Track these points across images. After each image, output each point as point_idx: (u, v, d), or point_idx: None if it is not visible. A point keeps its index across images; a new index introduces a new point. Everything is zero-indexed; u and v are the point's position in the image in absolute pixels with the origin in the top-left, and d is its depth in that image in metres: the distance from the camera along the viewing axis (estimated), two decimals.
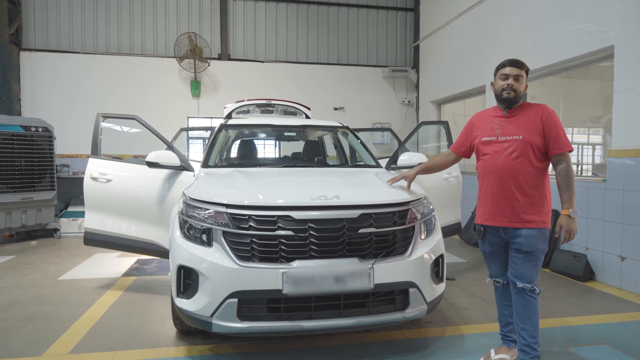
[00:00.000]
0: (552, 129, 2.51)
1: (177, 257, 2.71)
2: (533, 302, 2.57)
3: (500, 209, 2.60)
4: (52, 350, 2.98)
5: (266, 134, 5.08)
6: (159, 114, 8.50)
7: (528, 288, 2.56)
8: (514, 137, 2.57)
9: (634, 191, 4.29)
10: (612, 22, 4.59)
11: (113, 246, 4.10)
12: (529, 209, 2.54)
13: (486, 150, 2.68)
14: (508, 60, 2.65)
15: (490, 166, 2.64)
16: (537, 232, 2.53)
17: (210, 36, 9.17)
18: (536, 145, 2.52)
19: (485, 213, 2.70)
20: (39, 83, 8.37)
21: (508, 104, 2.63)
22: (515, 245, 2.58)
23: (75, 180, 7.94)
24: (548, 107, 2.60)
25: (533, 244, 2.53)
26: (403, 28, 10.18)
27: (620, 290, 4.38)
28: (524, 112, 2.62)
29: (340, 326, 2.62)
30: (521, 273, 2.57)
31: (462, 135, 2.93)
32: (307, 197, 2.69)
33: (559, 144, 2.51)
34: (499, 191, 2.60)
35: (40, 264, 5.39)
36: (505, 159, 2.57)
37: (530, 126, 2.55)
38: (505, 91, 2.59)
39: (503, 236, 2.65)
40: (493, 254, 2.78)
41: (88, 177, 3.97)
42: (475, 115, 2.89)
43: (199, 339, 3.13)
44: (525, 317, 2.58)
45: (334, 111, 9.56)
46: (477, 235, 2.78)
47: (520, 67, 2.61)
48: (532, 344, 2.57)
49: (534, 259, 2.56)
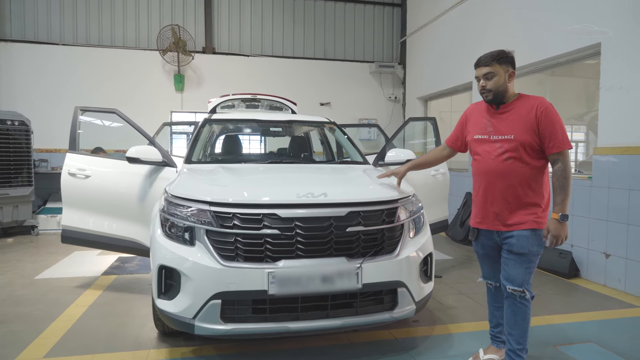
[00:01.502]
0: (547, 125, 2.32)
1: (158, 257, 2.61)
2: (522, 309, 2.45)
3: (493, 213, 2.49)
4: (26, 354, 2.84)
5: (251, 129, 4.97)
6: (141, 108, 8.30)
7: (518, 293, 2.43)
8: (505, 137, 2.40)
9: (619, 189, 4.31)
10: (600, 20, 4.59)
11: (92, 244, 3.97)
12: (522, 210, 2.41)
13: (478, 149, 2.55)
14: (478, 58, 2.47)
15: (482, 168, 2.51)
16: (530, 233, 2.39)
17: (195, 29, 8.98)
18: (529, 144, 2.35)
19: (478, 216, 2.59)
20: (15, 75, 8.09)
21: (494, 102, 2.47)
22: (506, 246, 2.46)
23: (54, 176, 7.71)
24: (545, 100, 2.39)
25: (525, 245, 2.39)
26: (390, 23, 10.13)
27: (605, 287, 4.41)
28: (518, 107, 2.42)
29: (327, 327, 2.55)
30: (512, 275, 2.44)
31: (457, 129, 2.78)
32: (293, 195, 2.61)
33: (555, 142, 2.32)
34: (490, 194, 2.48)
35: (16, 263, 5.21)
36: (496, 160, 2.43)
37: (523, 124, 2.37)
38: (483, 94, 2.47)
39: (496, 239, 2.54)
40: (486, 256, 2.68)
41: (65, 172, 3.84)
42: (470, 107, 2.72)
43: (181, 340, 3.03)
44: (514, 323, 2.47)
45: (320, 107, 9.48)
46: (471, 237, 2.68)
47: (486, 64, 2.41)
48: (517, 350, 2.47)
49: (526, 261, 2.42)
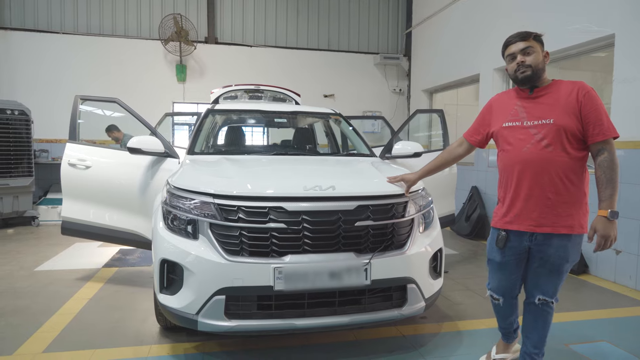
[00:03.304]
0: (591, 110, 2.05)
1: (160, 250, 2.53)
2: (544, 315, 2.28)
3: (527, 211, 2.17)
4: (25, 348, 2.77)
5: (255, 120, 4.87)
6: (142, 99, 8.17)
7: (547, 302, 2.24)
8: (543, 122, 2.11)
9: (632, 184, 4.21)
10: (613, 9, 4.46)
11: (92, 236, 3.91)
12: (563, 210, 2.12)
13: (509, 138, 2.23)
14: (510, 36, 2.23)
15: (515, 158, 2.19)
16: (571, 241, 2.15)
17: (197, 18, 8.84)
18: (571, 130, 2.07)
19: (508, 215, 2.25)
20: (15, 64, 7.98)
21: (530, 83, 2.18)
22: (542, 254, 2.19)
23: (54, 166, 7.62)
24: (586, 84, 2.11)
25: (564, 255, 2.14)
26: (395, 14, 9.96)
27: (615, 284, 4.32)
28: (554, 90, 2.15)
29: (334, 324, 2.47)
30: (544, 285, 2.23)
31: (477, 121, 2.49)
32: (300, 188, 2.52)
33: (600, 129, 2.05)
34: (526, 188, 2.16)
35: (16, 254, 5.14)
36: (533, 149, 2.12)
37: (563, 107, 2.09)
38: (518, 71, 2.17)
39: (526, 244, 2.23)
40: (504, 266, 2.33)
41: (65, 163, 3.76)
42: (495, 97, 2.45)
43: (184, 336, 2.96)
44: (533, 328, 2.31)
45: (323, 98, 9.35)
46: (498, 244, 2.29)
47: (525, 38, 2.17)
48: (533, 354, 2.31)
49: (563, 272, 2.19)
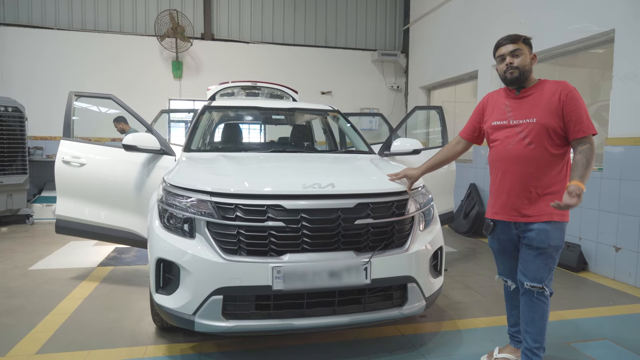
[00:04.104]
0: (572, 109, 2.20)
1: (156, 249, 2.48)
2: (541, 305, 2.34)
3: (511, 202, 2.34)
4: (18, 349, 2.72)
5: (252, 116, 4.81)
6: (138, 95, 8.11)
7: (537, 289, 2.31)
8: (527, 121, 2.28)
9: (632, 180, 4.18)
10: (613, 5, 4.43)
11: (87, 235, 3.84)
12: (543, 201, 2.26)
13: (496, 136, 2.41)
14: (501, 38, 2.39)
15: (501, 154, 2.37)
16: (551, 226, 2.26)
17: (193, 14, 8.76)
18: (553, 128, 2.23)
19: (494, 206, 2.45)
20: (8, 60, 7.87)
21: (517, 83, 2.34)
22: (526, 240, 2.33)
23: (49, 164, 7.53)
24: (569, 84, 2.27)
25: (545, 239, 2.26)
26: (393, 11, 9.91)
27: (614, 282, 4.30)
28: (539, 91, 2.31)
29: (333, 324, 2.43)
30: (530, 271, 2.32)
31: (472, 118, 2.64)
32: (299, 185, 2.47)
33: (581, 127, 2.19)
34: (509, 182, 2.34)
35: (10, 253, 5.08)
36: (517, 146, 2.29)
37: (546, 107, 2.25)
38: (507, 72, 2.33)
39: (514, 231, 2.39)
40: (502, 252, 2.53)
41: (59, 160, 3.70)
42: (488, 95, 2.59)
43: (181, 336, 2.91)
44: (531, 320, 2.36)
45: (321, 95, 9.30)
46: (485, 231, 2.54)
47: (514, 41, 2.33)
48: (534, 348, 2.35)
49: (546, 256, 2.29)
